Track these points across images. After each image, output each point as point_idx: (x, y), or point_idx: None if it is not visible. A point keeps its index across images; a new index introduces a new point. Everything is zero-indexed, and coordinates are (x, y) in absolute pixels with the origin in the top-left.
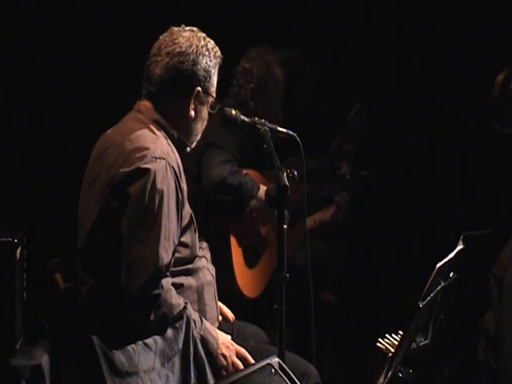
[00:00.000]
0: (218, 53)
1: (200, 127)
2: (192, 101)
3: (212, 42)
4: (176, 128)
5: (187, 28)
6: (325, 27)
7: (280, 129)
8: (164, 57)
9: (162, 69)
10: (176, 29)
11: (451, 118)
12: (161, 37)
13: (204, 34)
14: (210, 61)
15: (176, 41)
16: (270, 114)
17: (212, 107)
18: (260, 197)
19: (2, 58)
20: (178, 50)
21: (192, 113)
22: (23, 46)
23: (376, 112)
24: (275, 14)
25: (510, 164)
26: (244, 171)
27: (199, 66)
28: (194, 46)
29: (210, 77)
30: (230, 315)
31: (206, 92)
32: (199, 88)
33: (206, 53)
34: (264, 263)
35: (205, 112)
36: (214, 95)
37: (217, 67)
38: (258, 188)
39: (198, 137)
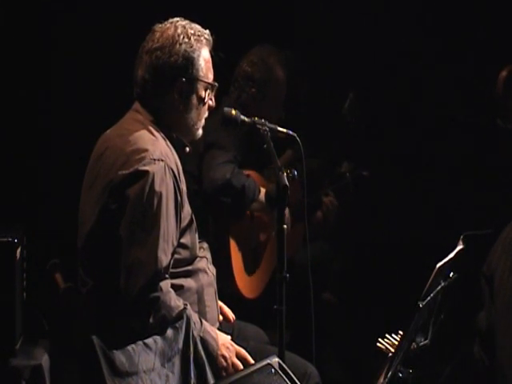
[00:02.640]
0: (204, 36)
1: (196, 116)
2: (177, 93)
3: (196, 27)
4: (172, 125)
5: (169, 21)
6: (323, 26)
7: (280, 129)
8: (144, 56)
9: (142, 69)
10: (158, 26)
11: (451, 116)
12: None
13: (186, 22)
14: (191, 46)
15: (154, 37)
16: (271, 115)
17: (211, 89)
18: (261, 199)
19: (2, 57)
20: (155, 45)
21: (181, 105)
22: (23, 45)
23: (372, 104)
24: (274, 13)
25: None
26: (246, 173)
27: (176, 56)
28: (170, 37)
29: (192, 63)
30: (231, 315)
31: (193, 79)
32: (182, 78)
33: (185, 40)
34: (263, 264)
35: (195, 99)
36: (208, 79)
37: (203, 50)
38: (260, 191)
39: (198, 126)
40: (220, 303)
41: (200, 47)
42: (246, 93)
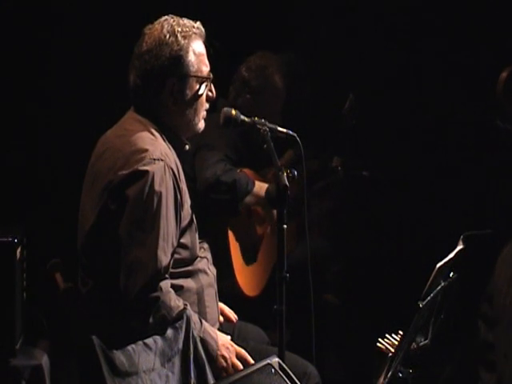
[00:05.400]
0: (193, 31)
1: (193, 111)
2: (169, 93)
3: (184, 22)
4: (170, 124)
5: (158, 20)
6: (323, 26)
7: (280, 129)
8: (134, 61)
9: (133, 74)
10: (147, 27)
11: (451, 116)
12: None
13: (173, 20)
14: (178, 45)
15: (143, 41)
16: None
17: (207, 81)
18: (255, 192)
19: (2, 59)
20: (143, 49)
21: (175, 104)
22: (24, 46)
23: (372, 105)
24: (274, 14)
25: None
26: (239, 170)
27: (163, 58)
28: (157, 39)
29: (181, 61)
30: (233, 316)
31: (183, 76)
32: (172, 78)
33: (171, 39)
34: (262, 260)
35: (189, 96)
36: (202, 73)
37: (193, 44)
38: (254, 184)
39: (197, 121)
40: (221, 304)
41: (188, 43)
42: (242, 97)
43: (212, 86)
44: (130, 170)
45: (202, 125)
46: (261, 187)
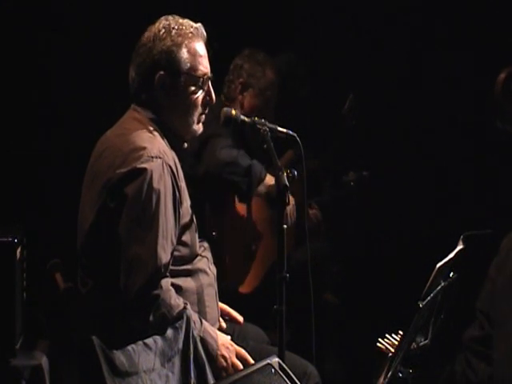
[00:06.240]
0: (190, 30)
1: (186, 111)
2: (160, 88)
3: (182, 21)
4: (167, 121)
5: (160, 18)
6: (323, 26)
7: (280, 129)
8: (133, 56)
9: (131, 69)
10: (150, 26)
11: (451, 116)
12: None
13: (172, 18)
14: (172, 40)
15: (142, 37)
16: (259, 112)
17: (202, 82)
18: (266, 182)
19: (2, 58)
20: (139, 44)
21: (166, 101)
22: (24, 46)
23: (372, 105)
24: (274, 13)
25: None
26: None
27: (155, 51)
28: (152, 34)
29: (171, 57)
30: (239, 317)
31: (174, 73)
32: (162, 72)
33: (164, 35)
34: (259, 257)
35: (182, 94)
36: (195, 72)
37: (188, 43)
38: (266, 173)
39: (190, 122)
40: (226, 307)
41: (182, 40)
42: (234, 84)
43: (211, 90)
44: (128, 168)
45: (197, 127)
46: (271, 179)
